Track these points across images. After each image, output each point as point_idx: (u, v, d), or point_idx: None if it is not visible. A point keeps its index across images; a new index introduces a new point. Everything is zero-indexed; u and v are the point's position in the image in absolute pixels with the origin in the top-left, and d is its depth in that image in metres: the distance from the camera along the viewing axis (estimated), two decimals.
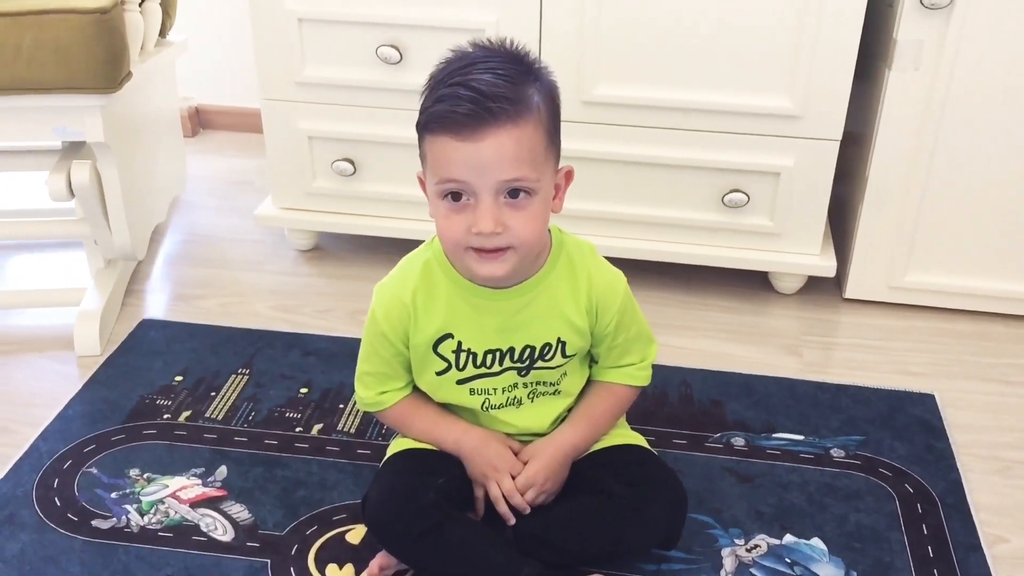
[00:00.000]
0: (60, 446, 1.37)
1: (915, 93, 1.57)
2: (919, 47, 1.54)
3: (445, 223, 1.05)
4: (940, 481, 1.34)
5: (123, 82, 1.54)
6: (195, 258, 1.93)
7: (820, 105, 1.59)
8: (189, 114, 2.49)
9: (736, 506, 1.28)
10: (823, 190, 1.67)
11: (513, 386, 1.17)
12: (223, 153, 2.44)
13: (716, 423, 1.44)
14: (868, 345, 1.67)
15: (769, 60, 1.58)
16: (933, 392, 1.53)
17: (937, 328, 1.71)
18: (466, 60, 1.04)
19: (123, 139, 1.68)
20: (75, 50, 1.46)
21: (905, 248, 1.69)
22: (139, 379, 1.52)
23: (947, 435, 1.43)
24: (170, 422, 1.43)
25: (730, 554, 1.21)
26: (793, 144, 1.63)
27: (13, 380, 1.55)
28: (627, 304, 1.18)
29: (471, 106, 0.99)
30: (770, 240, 1.72)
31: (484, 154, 1.00)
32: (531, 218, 1.04)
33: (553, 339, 1.15)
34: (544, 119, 1.04)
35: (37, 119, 1.54)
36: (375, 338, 1.16)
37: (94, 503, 1.27)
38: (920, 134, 1.60)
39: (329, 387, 1.50)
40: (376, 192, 1.81)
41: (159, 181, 1.99)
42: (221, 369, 1.55)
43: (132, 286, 1.81)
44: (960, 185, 1.63)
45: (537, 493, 1.17)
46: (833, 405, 1.49)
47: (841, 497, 1.30)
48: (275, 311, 1.75)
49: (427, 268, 1.14)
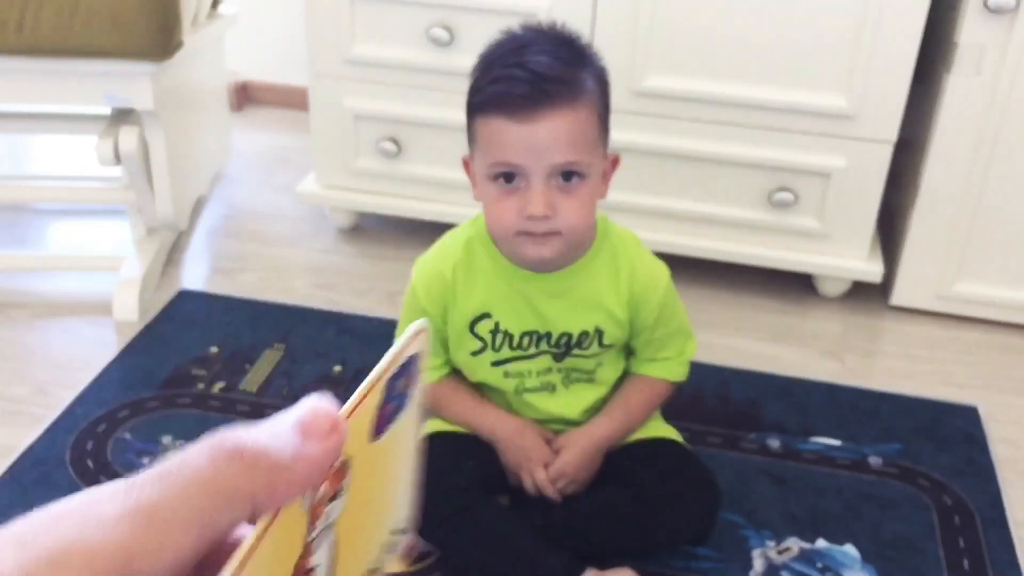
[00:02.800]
0: (95, 410, 1.38)
1: (974, 98, 1.54)
2: (981, 51, 1.50)
3: (496, 207, 1.04)
4: (980, 495, 1.31)
5: (174, 51, 1.55)
6: (235, 232, 1.93)
7: (876, 106, 1.56)
8: (236, 89, 2.50)
9: (769, 508, 1.26)
10: (874, 193, 1.64)
11: (547, 370, 1.16)
12: (267, 129, 2.44)
13: (752, 424, 1.42)
14: (912, 354, 1.63)
15: (826, 57, 1.55)
16: (976, 404, 1.49)
17: (984, 341, 1.68)
18: (519, 42, 1.03)
19: (171, 108, 1.69)
20: (130, 16, 1.46)
21: (955, 257, 1.66)
22: (175, 348, 1.53)
23: (989, 449, 1.40)
24: (204, 392, 1.43)
25: (760, 555, 1.19)
26: (846, 145, 1.60)
27: (51, 343, 1.56)
28: (668, 298, 1.16)
29: (528, 87, 0.98)
30: (816, 242, 1.69)
31: (539, 136, 0.99)
32: (581, 204, 1.03)
33: (591, 328, 1.13)
34: (597, 103, 1.03)
35: (88, 84, 1.55)
36: (414, 313, 1.15)
37: (126, 467, 1.28)
38: (977, 141, 1.56)
39: (363, 366, 1.49)
40: (420, 174, 1.80)
41: (204, 153, 2.00)
42: (256, 343, 1.55)
43: (172, 256, 1.82)
44: (1015, 195, 1.59)
45: (567, 483, 1.16)
46: (873, 412, 1.46)
47: (877, 505, 1.28)
48: (313, 288, 1.75)
49: (469, 246, 1.13)
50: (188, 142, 1.85)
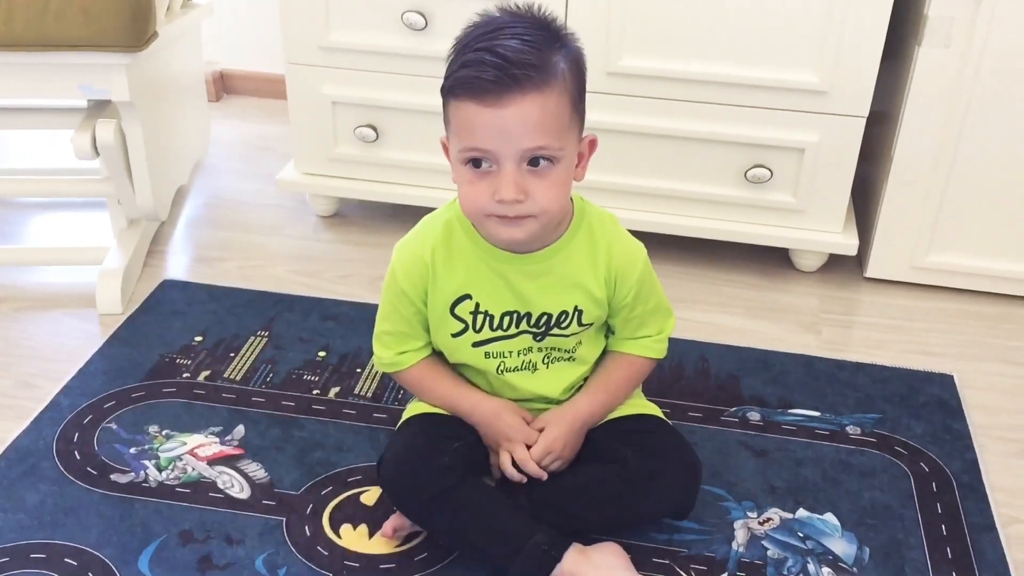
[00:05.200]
0: (81, 401, 1.39)
1: (945, 71, 1.55)
2: (950, 23, 1.52)
3: (468, 189, 1.05)
4: (956, 461, 1.33)
5: (149, 41, 1.55)
6: (217, 221, 1.94)
7: (847, 81, 1.58)
8: (214, 78, 2.49)
9: (750, 479, 1.29)
10: (847, 167, 1.65)
11: (528, 350, 1.17)
12: (246, 118, 2.44)
13: (732, 397, 1.44)
14: (888, 324, 1.66)
15: (797, 33, 1.56)
16: (952, 372, 1.52)
17: (958, 309, 1.70)
18: (492, 25, 1.03)
19: (148, 99, 1.68)
20: (102, 7, 1.46)
21: (928, 228, 1.68)
22: (159, 338, 1.53)
23: (965, 416, 1.43)
24: (189, 381, 1.44)
25: (742, 526, 1.21)
26: (819, 120, 1.62)
27: (36, 336, 1.56)
28: (646, 276, 1.17)
29: (496, 72, 0.98)
30: (792, 217, 1.71)
31: (508, 121, 0.99)
32: (553, 186, 1.04)
33: (570, 307, 1.15)
34: (569, 87, 1.04)
35: (63, 77, 1.54)
36: (394, 296, 1.16)
37: (113, 458, 1.29)
38: (948, 113, 1.58)
39: (347, 351, 1.50)
40: (398, 159, 1.81)
41: (183, 143, 2.00)
42: (240, 331, 1.56)
43: (154, 247, 1.82)
44: (987, 166, 1.61)
45: (554, 459, 1.17)
46: (850, 383, 1.48)
47: (856, 474, 1.30)
48: (295, 275, 1.75)
49: (448, 228, 1.14)
50: (167, 132, 1.85)
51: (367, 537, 1.18)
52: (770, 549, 1.18)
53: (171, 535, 1.17)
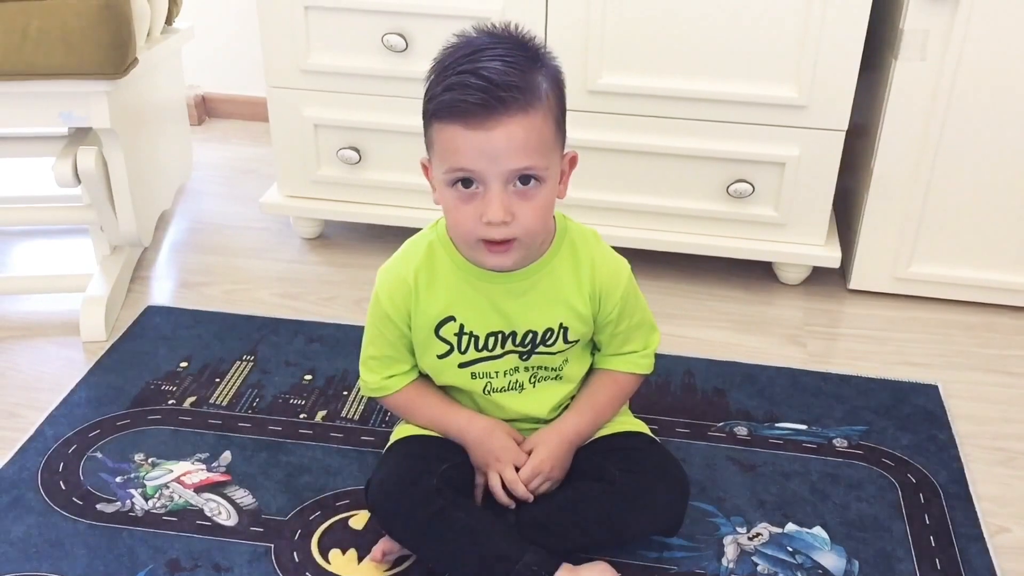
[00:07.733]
0: (65, 430, 1.38)
1: (921, 84, 1.57)
2: (925, 37, 1.53)
3: (456, 214, 1.05)
4: (943, 471, 1.34)
5: (129, 68, 1.55)
6: (200, 246, 1.93)
7: (826, 95, 1.59)
8: (195, 102, 2.49)
9: (738, 495, 1.29)
10: (828, 180, 1.67)
11: (515, 370, 1.18)
12: (229, 141, 2.44)
13: (719, 412, 1.44)
14: (872, 336, 1.67)
15: (775, 49, 1.57)
16: (937, 383, 1.53)
17: (941, 319, 1.71)
18: (472, 47, 1.03)
19: (129, 126, 1.68)
20: (81, 36, 1.46)
21: (910, 239, 1.69)
22: (144, 365, 1.53)
23: (950, 425, 1.43)
24: (175, 407, 1.43)
25: (732, 542, 1.21)
26: (798, 134, 1.63)
27: (19, 365, 1.55)
28: (630, 292, 1.18)
29: (482, 95, 0.98)
30: (775, 230, 1.72)
31: (495, 143, 1.00)
32: (538, 207, 1.05)
33: (555, 324, 1.15)
34: (552, 107, 1.04)
35: (43, 105, 1.54)
36: (379, 320, 1.16)
37: (99, 487, 1.28)
38: (926, 125, 1.59)
39: (333, 374, 1.50)
40: (381, 180, 1.81)
41: (165, 168, 1.99)
42: (226, 355, 1.55)
43: (138, 273, 1.81)
44: (966, 176, 1.63)
45: (543, 481, 1.17)
46: (836, 395, 1.49)
47: (844, 486, 1.31)
48: (280, 298, 1.75)
49: (431, 249, 1.14)
50: (149, 158, 1.85)
51: (356, 562, 1.17)
52: (760, 564, 1.18)
53: (158, 564, 1.16)
